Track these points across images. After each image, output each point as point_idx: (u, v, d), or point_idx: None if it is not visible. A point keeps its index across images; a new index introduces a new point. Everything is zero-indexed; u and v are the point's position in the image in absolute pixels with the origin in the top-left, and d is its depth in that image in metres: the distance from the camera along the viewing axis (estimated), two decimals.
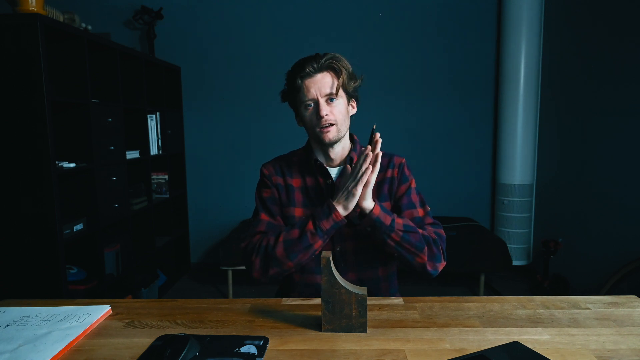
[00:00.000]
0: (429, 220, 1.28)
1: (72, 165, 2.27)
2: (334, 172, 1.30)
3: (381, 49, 3.61)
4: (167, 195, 3.38)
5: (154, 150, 3.19)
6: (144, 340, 0.93)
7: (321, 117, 1.19)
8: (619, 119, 2.61)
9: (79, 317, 1.02)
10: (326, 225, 1.14)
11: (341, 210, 1.14)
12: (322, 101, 1.20)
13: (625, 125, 2.56)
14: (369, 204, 1.14)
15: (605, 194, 2.73)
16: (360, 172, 1.10)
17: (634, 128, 2.48)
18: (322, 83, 1.20)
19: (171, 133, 3.45)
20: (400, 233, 1.14)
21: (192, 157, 3.75)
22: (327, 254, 0.95)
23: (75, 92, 2.36)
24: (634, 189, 2.49)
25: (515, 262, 3.44)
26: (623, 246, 2.54)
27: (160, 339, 0.93)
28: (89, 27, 2.70)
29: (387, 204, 1.28)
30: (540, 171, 3.50)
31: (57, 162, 2.19)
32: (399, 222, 1.16)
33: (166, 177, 3.36)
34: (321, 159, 1.30)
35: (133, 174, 3.01)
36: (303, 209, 1.28)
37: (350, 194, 1.12)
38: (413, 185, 1.31)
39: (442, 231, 1.27)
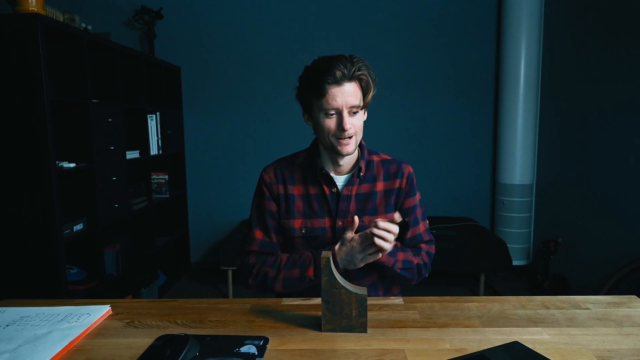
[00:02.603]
0: (427, 237, 1.32)
1: (72, 165, 2.27)
2: (340, 180, 1.27)
3: (381, 49, 3.61)
4: (167, 195, 3.38)
5: (154, 150, 3.19)
6: (144, 340, 0.93)
7: (344, 130, 1.14)
8: (618, 119, 2.61)
9: (79, 317, 1.02)
10: None
11: (341, 266, 1.16)
12: (345, 113, 1.14)
13: (625, 125, 2.56)
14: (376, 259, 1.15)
15: (605, 194, 2.73)
16: (369, 253, 1.11)
17: (633, 128, 2.48)
18: (349, 94, 1.13)
19: (171, 133, 3.45)
20: (398, 270, 1.20)
21: (192, 157, 3.75)
22: (327, 254, 0.95)
23: (75, 92, 2.36)
24: (633, 189, 2.49)
25: (515, 262, 3.44)
26: (623, 246, 2.54)
27: (160, 339, 0.93)
28: (89, 27, 2.70)
29: (392, 215, 1.26)
30: (540, 171, 3.50)
31: (57, 162, 2.19)
32: (400, 259, 1.20)
33: (166, 177, 3.36)
34: (328, 165, 1.27)
35: (133, 174, 3.01)
36: (303, 219, 1.25)
37: (352, 264, 1.14)
38: (418, 198, 1.31)
39: (433, 248, 1.34)
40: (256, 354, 0.86)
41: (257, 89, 3.68)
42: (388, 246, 1.08)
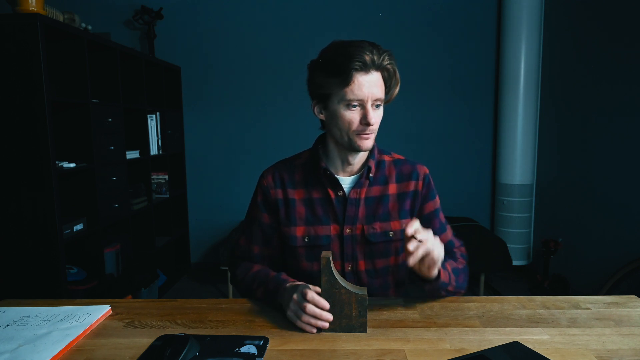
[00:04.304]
0: (457, 242, 1.22)
1: (72, 165, 2.27)
2: (346, 182, 1.14)
3: None
4: (167, 195, 3.38)
5: (154, 150, 3.19)
6: (144, 340, 0.92)
7: (368, 124, 1.03)
8: (618, 119, 2.61)
9: (79, 317, 1.02)
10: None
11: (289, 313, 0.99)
12: (369, 105, 1.03)
13: (625, 125, 2.55)
14: (434, 272, 0.99)
15: (605, 194, 2.73)
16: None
17: (634, 128, 2.48)
18: (375, 85, 1.02)
19: (171, 133, 3.45)
20: (454, 283, 1.08)
21: (192, 157, 3.75)
22: (327, 254, 0.95)
23: (75, 92, 2.36)
24: (633, 189, 2.48)
25: (515, 262, 3.44)
26: (623, 246, 2.54)
27: (160, 339, 0.93)
28: (89, 27, 2.70)
29: (407, 221, 1.15)
30: (540, 171, 3.50)
31: (57, 162, 2.19)
32: (451, 271, 1.07)
33: (166, 177, 3.36)
34: (335, 165, 1.14)
35: (133, 174, 3.01)
36: (305, 226, 1.14)
37: (295, 318, 0.95)
38: (439, 202, 1.20)
39: (464, 249, 1.24)
40: (256, 354, 0.86)
41: (257, 89, 3.68)
42: (439, 251, 0.94)
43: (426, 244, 0.91)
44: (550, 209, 3.38)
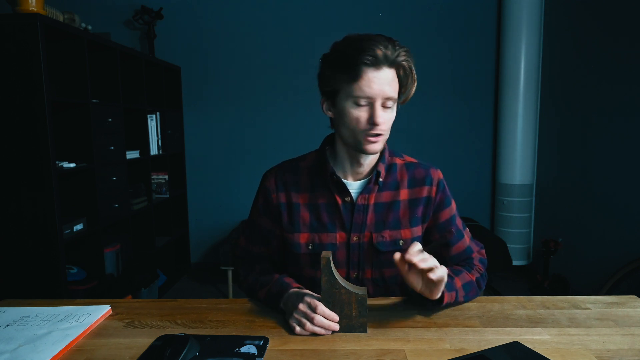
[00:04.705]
0: (476, 247, 1.18)
1: (72, 165, 2.27)
2: (354, 187, 1.08)
3: None
4: (167, 195, 3.38)
5: (154, 150, 3.19)
6: (144, 340, 0.92)
7: (375, 125, 0.96)
8: (618, 119, 2.61)
9: (79, 317, 1.02)
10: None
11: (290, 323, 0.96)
12: (378, 104, 0.96)
13: (625, 125, 2.56)
14: (437, 295, 0.95)
15: (605, 194, 2.73)
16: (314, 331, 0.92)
17: (634, 128, 2.48)
18: (387, 82, 0.95)
19: (171, 133, 3.45)
20: (462, 300, 1.05)
21: (192, 157, 3.75)
22: (327, 254, 0.95)
23: (75, 92, 2.36)
24: (633, 189, 2.49)
25: (515, 262, 3.44)
26: (623, 246, 2.54)
27: (160, 339, 0.93)
28: (89, 27, 2.70)
29: (417, 229, 1.10)
30: (540, 171, 3.50)
31: (57, 162, 2.19)
32: (459, 286, 1.04)
33: (166, 177, 3.36)
34: (344, 168, 1.08)
35: (133, 174, 3.01)
36: (309, 233, 1.08)
37: (298, 323, 0.93)
38: (455, 207, 1.14)
39: (484, 252, 1.19)
40: (256, 354, 0.86)
41: (257, 89, 3.68)
42: (442, 271, 0.89)
43: (429, 261, 0.88)
44: (550, 209, 3.38)
